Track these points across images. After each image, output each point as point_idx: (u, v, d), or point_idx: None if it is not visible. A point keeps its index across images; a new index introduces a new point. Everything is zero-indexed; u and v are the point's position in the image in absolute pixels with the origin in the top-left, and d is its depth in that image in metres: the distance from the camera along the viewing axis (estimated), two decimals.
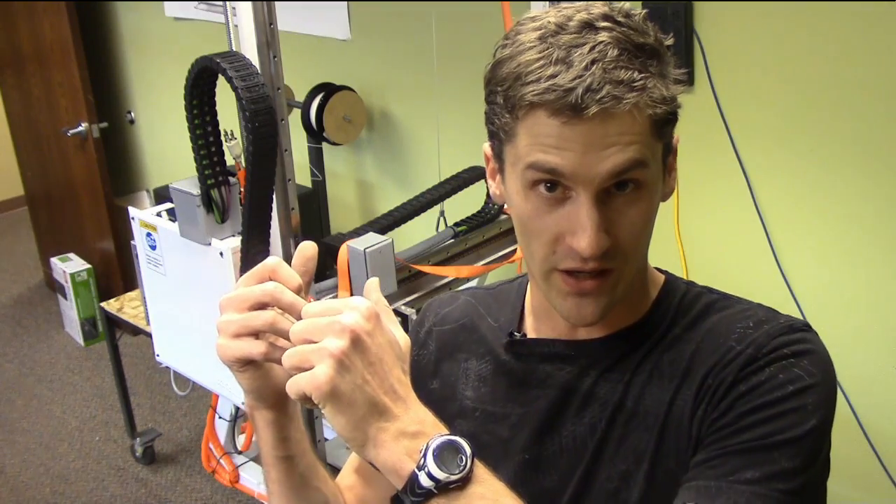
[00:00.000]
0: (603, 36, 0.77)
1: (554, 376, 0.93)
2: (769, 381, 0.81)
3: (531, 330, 0.97)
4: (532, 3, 2.35)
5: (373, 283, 0.85)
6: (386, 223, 1.96)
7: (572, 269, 0.83)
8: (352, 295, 1.79)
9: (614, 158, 0.78)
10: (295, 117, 2.68)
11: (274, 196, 1.71)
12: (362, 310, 0.74)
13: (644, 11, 0.82)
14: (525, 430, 0.93)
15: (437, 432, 0.74)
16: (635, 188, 0.81)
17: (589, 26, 0.78)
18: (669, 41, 0.83)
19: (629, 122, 0.77)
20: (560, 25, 0.79)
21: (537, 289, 0.92)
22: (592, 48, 0.76)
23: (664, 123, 0.81)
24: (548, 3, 2.33)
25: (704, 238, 2.35)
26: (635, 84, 0.76)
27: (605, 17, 0.79)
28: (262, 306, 0.78)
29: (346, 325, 0.72)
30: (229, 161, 1.79)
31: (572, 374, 0.92)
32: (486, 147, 0.89)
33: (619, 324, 0.91)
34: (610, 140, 0.77)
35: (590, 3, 0.81)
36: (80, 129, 3.86)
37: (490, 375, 0.98)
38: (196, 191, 1.77)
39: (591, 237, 0.79)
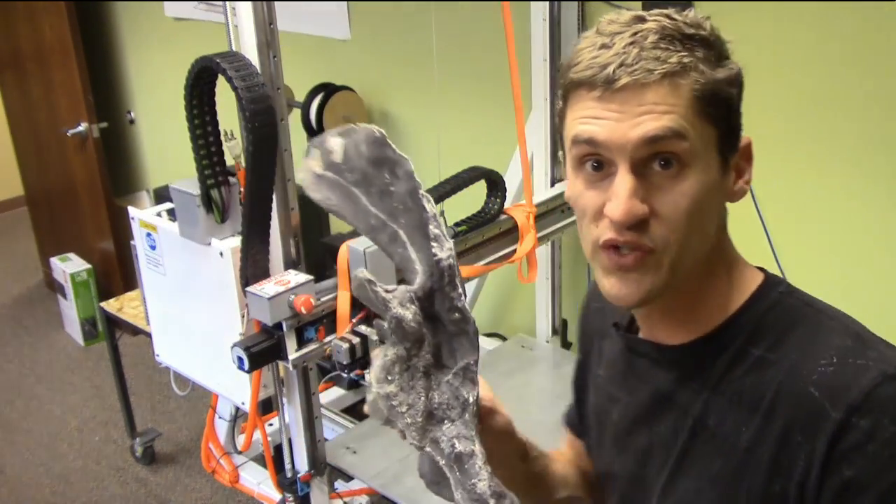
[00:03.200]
0: (649, 24, 0.81)
1: (647, 374, 0.96)
2: (874, 462, 0.77)
3: (640, 323, 0.99)
4: (532, 3, 2.35)
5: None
6: None
7: (609, 240, 0.83)
8: (351, 295, 1.79)
9: (647, 125, 0.79)
10: (295, 117, 2.68)
11: (274, 196, 1.70)
12: None
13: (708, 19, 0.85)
14: (628, 418, 1.00)
15: None
16: (678, 165, 0.81)
17: (639, 19, 0.82)
18: (729, 44, 0.85)
19: (665, 94, 0.79)
20: (613, 20, 0.84)
21: None
22: (635, 34, 0.80)
23: (710, 103, 0.81)
24: (547, 2, 2.33)
25: None
26: (671, 59, 0.80)
27: (661, 14, 0.82)
28: None
29: None
30: (229, 161, 1.79)
31: (658, 376, 0.94)
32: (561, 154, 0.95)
33: (699, 330, 0.90)
34: (644, 108, 0.79)
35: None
36: (80, 129, 3.86)
37: (612, 358, 1.04)
38: (196, 191, 1.77)
39: (622, 201, 0.80)
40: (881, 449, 0.77)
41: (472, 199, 2.20)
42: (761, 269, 0.95)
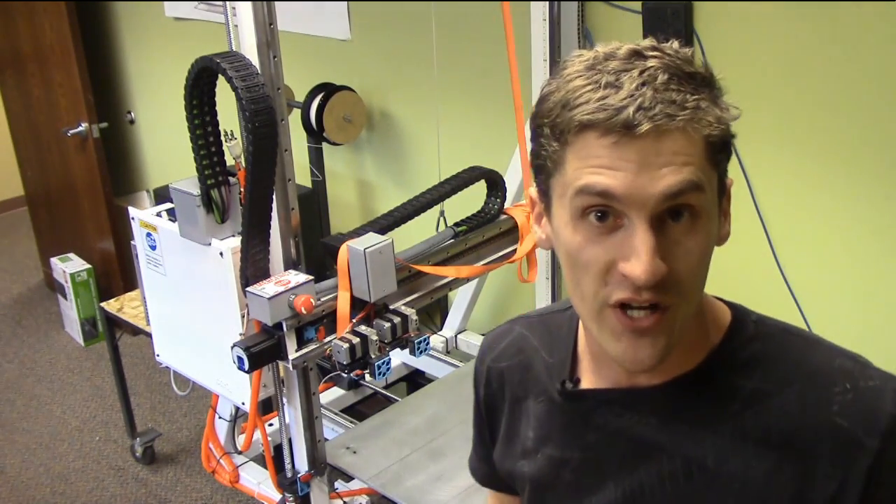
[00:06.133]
0: (652, 62, 0.75)
1: (612, 423, 0.89)
2: None
3: (586, 375, 0.93)
4: (532, 3, 2.35)
5: None
6: (386, 223, 1.96)
7: (625, 300, 0.77)
8: (351, 295, 1.79)
9: (669, 179, 0.74)
10: (295, 117, 2.68)
11: (274, 196, 1.70)
12: None
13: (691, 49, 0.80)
14: (589, 475, 0.92)
15: None
16: (691, 217, 0.76)
17: (637, 54, 0.76)
18: (720, 78, 0.80)
19: (683, 142, 0.74)
20: (607, 55, 0.77)
21: (589, 333, 0.88)
22: (642, 72, 0.74)
23: (719, 150, 0.78)
24: (547, 2, 2.33)
25: None
26: (688, 104, 0.74)
27: (653, 48, 0.77)
28: None
29: None
30: (229, 161, 1.79)
31: (631, 421, 0.88)
32: (532, 191, 0.87)
33: (676, 370, 0.85)
34: (664, 159, 0.74)
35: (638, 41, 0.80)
36: (80, 129, 3.86)
37: (546, 416, 0.97)
38: (196, 191, 1.77)
39: (646, 262, 0.74)
40: None
41: (472, 199, 2.20)
42: (718, 298, 0.91)
